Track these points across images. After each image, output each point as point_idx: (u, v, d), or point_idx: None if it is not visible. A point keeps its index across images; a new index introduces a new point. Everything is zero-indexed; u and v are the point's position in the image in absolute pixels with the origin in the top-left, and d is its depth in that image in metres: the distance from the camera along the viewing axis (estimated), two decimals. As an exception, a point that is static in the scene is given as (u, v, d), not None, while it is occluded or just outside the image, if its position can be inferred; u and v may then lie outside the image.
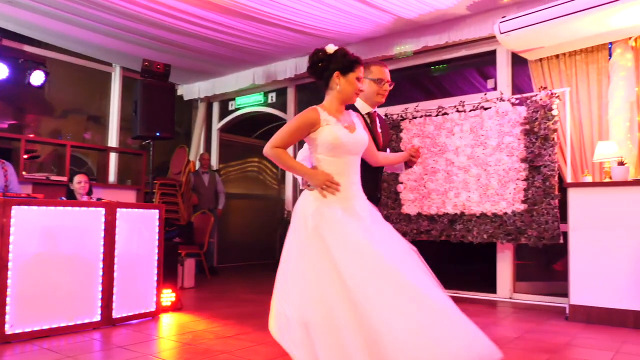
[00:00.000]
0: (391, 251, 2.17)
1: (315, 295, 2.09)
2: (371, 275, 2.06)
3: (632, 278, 3.82)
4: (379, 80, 2.84)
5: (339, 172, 2.32)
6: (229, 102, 8.22)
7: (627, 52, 4.50)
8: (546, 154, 4.56)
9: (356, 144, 2.37)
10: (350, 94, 2.39)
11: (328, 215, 2.19)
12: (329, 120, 2.32)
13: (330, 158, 2.33)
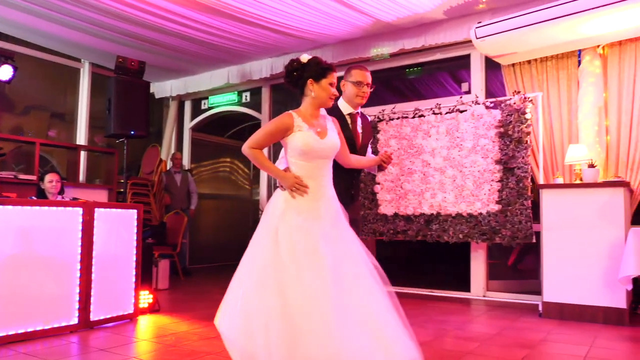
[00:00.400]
0: (337, 258, 2.32)
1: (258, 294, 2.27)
2: (309, 287, 2.23)
3: (601, 276, 3.98)
4: (358, 82, 2.97)
5: (308, 175, 2.48)
6: (202, 100, 8.11)
7: (596, 59, 4.69)
8: (520, 156, 4.71)
9: (326, 149, 2.51)
10: (324, 99, 2.55)
11: (291, 221, 2.36)
12: (302, 126, 2.48)
13: (301, 162, 2.48)
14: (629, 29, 4.29)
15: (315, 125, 2.54)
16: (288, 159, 2.56)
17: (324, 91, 2.54)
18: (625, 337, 3.49)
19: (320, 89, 2.55)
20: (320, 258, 2.31)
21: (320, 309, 2.21)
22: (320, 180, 2.52)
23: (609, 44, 4.63)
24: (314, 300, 2.22)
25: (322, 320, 2.20)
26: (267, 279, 2.28)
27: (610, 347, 3.25)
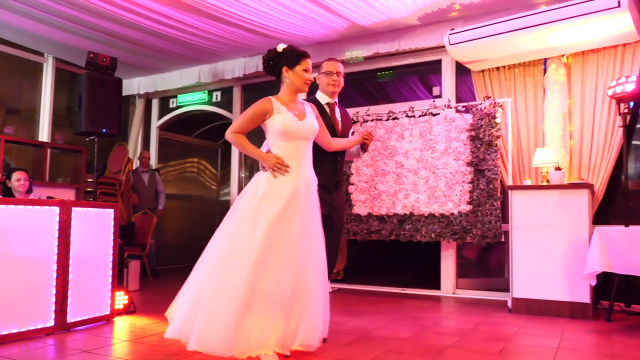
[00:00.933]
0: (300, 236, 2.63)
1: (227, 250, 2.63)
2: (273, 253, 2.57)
3: (567, 272, 4.20)
4: (328, 72, 3.25)
5: (289, 155, 2.70)
6: (170, 99, 7.99)
7: (561, 67, 4.93)
8: (490, 158, 4.90)
9: (304, 130, 2.74)
10: (299, 84, 2.79)
11: (272, 201, 2.60)
12: (280, 109, 2.71)
13: (281, 142, 2.71)
14: (591, 40, 4.55)
15: (293, 109, 2.77)
16: (269, 142, 2.77)
17: (298, 77, 2.78)
18: (591, 330, 3.70)
19: (294, 75, 2.78)
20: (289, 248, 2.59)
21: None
22: (300, 160, 2.72)
23: (573, 53, 4.88)
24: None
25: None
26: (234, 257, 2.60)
27: (579, 339, 3.44)
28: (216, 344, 2.48)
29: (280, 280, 2.56)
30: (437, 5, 4.98)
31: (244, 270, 2.53)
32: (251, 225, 2.60)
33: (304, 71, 2.79)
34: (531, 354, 3.02)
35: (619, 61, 4.60)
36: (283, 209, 2.61)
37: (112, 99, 5.21)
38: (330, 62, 3.31)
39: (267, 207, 2.61)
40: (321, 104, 3.27)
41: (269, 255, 2.56)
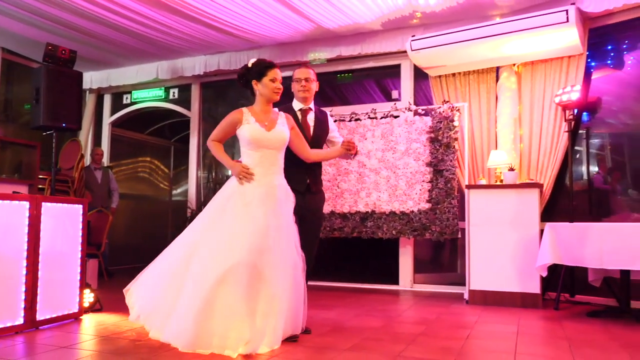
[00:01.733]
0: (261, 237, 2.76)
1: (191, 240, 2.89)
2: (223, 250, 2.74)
3: (518, 265, 4.53)
4: (297, 79, 3.40)
5: (255, 163, 2.91)
6: (124, 95, 7.79)
7: (512, 76, 5.30)
8: (448, 159, 5.18)
9: (272, 140, 2.92)
10: (268, 94, 2.98)
11: (234, 203, 2.81)
12: (249, 119, 2.93)
13: (249, 151, 2.93)
14: (541, 51, 4.93)
15: (264, 120, 2.94)
16: (240, 150, 2.98)
17: (266, 88, 2.96)
18: (543, 317, 4.02)
19: (263, 86, 2.97)
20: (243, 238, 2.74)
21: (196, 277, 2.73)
22: (267, 168, 2.90)
23: (523, 63, 5.26)
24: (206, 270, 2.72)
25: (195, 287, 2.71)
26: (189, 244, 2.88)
27: (534, 325, 3.74)
28: (181, 338, 2.64)
29: (239, 280, 2.66)
30: (400, 12, 5.21)
31: (203, 268, 2.71)
32: (214, 224, 2.83)
33: (271, 81, 2.95)
34: (495, 337, 3.27)
35: (564, 71, 5.01)
36: (244, 212, 2.80)
37: (71, 93, 5.05)
38: (300, 69, 3.45)
39: (229, 207, 2.84)
40: (295, 111, 3.40)
41: (227, 254, 2.71)
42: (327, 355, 2.73)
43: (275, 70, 2.99)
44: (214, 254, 2.74)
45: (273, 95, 2.97)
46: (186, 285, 2.75)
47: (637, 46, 4.78)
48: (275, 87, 2.96)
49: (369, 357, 2.70)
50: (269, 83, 2.95)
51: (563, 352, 2.91)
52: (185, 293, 2.72)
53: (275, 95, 2.98)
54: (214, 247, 2.76)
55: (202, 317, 2.61)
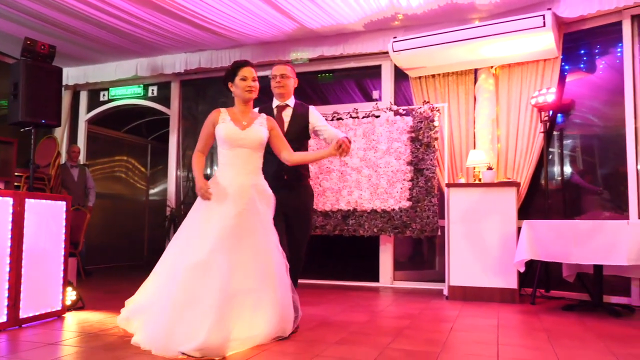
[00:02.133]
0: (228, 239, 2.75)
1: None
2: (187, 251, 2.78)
3: (496, 262, 4.67)
4: (272, 76, 3.44)
5: (229, 162, 2.92)
6: (101, 92, 7.68)
7: (490, 78, 5.45)
8: (428, 158, 5.30)
9: (246, 139, 2.91)
10: (241, 94, 2.97)
11: (210, 203, 2.83)
12: (225, 119, 2.94)
13: (224, 150, 2.93)
14: (518, 55, 5.09)
15: (241, 120, 2.95)
16: (217, 149, 2.98)
17: (238, 87, 2.96)
18: (520, 311, 4.16)
19: (235, 87, 2.98)
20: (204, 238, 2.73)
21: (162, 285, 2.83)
22: (240, 167, 2.90)
23: (501, 65, 5.41)
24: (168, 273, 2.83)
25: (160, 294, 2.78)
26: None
27: (513, 318, 3.87)
28: (154, 343, 2.61)
29: (204, 284, 2.62)
30: (383, 14, 5.30)
31: (174, 271, 2.74)
32: (186, 231, 2.90)
33: (241, 80, 2.94)
34: (477, 330, 3.37)
35: (540, 74, 5.18)
36: (214, 212, 2.80)
37: (51, 88, 4.98)
38: (276, 66, 3.47)
39: (202, 208, 2.87)
40: (272, 109, 3.42)
41: (190, 255, 2.72)
42: (317, 348, 2.79)
43: (246, 69, 2.95)
44: (179, 255, 2.79)
45: (245, 94, 2.95)
46: (158, 295, 2.81)
47: (609, 51, 4.98)
48: (246, 85, 2.93)
49: (358, 350, 2.76)
50: (240, 82, 2.94)
51: (542, 342, 3.03)
52: (156, 301, 2.78)
53: (247, 93, 2.95)
54: (181, 248, 2.82)
55: (170, 322, 2.58)
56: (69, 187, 6.68)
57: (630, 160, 4.62)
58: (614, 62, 4.91)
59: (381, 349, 2.76)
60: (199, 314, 2.54)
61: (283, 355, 2.63)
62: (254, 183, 2.93)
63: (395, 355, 2.65)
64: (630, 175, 4.60)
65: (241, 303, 2.69)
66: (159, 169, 9.63)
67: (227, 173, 2.92)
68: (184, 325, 2.54)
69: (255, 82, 2.98)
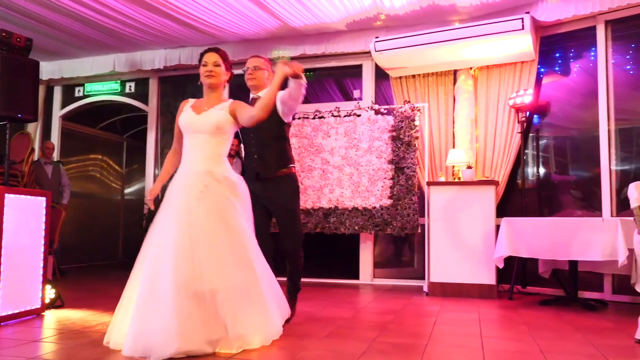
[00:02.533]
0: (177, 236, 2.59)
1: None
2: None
3: (475, 259, 4.77)
4: (245, 68, 3.39)
5: (186, 150, 2.86)
6: (76, 87, 7.52)
7: (469, 79, 5.56)
8: (409, 157, 5.38)
9: (199, 124, 2.79)
10: (202, 79, 2.89)
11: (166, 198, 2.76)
12: (187, 108, 2.87)
13: (184, 138, 2.87)
14: (497, 57, 5.21)
15: (204, 106, 2.84)
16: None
17: (200, 74, 2.88)
18: (500, 306, 4.27)
19: (200, 74, 2.89)
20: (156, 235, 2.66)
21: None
22: (194, 155, 2.79)
23: (479, 67, 5.53)
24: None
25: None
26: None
27: (493, 312, 3.97)
28: (126, 346, 2.44)
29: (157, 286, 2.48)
30: (365, 14, 5.36)
31: (139, 272, 2.67)
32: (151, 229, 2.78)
33: (202, 66, 2.85)
34: (460, 324, 3.45)
35: (517, 76, 5.31)
36: (163, 205, 2.72)
37: (27, 82, 4.86)
38: (250, 59, 3.39)
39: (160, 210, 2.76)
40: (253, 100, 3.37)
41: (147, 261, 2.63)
42: (307, 341, 2.81)
43: (207, 55, 2.86)
44: (142, 253, 2.72)
45: (204, 79, 2.84)
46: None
47: (583, 55, 5.14)
48: (205, 70, 2.83)
49: (347, 343, 2.80)
50: (201, 68, 2.85)
51: (523, 334, 3.12)
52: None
53: (206, 79, 2.83)
54: (145, 246, 2.74)
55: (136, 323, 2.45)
56: (42, 184, 6.52)
57: (604, 161, 4.77)
58: (588, 65, 5.08)
59: (369, 342, 2.80)
60: (160, 315, 2.39)
61: (275, 348, 2.64)
62: (210, 170, 2.70)
63: (383, 348, 2.69)
64: (604, 175, 4.76)
65: (211, 299, 2.48)
66: (135, 168, 9.49)
67: (185, 161, 2.83)
68: (153, 325, 2.38)
69: (217, 67, 2.82)
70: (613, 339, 3.03)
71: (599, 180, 4.80)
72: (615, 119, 4.79)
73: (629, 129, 4.84)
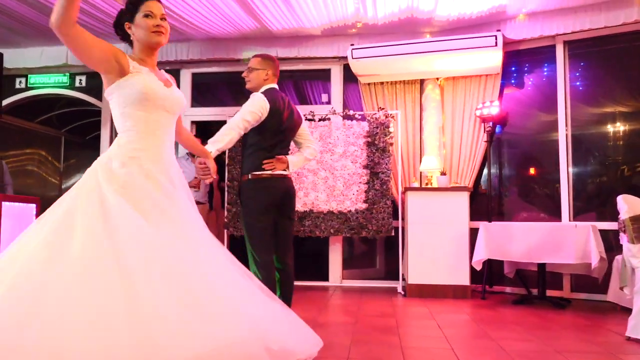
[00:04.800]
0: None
1: None
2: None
3: (449, 261, 5.05)
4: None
5: (149, 130, 2.04)
6: (17, 78, 6.92)
7: (436, 88, 5.85)
8: (383, 162, 5.56)
9: (171, 99, 2.11)
10: (144, 36, 2.07)
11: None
12: (140, 69, 2.04)
13: (139, 112, 2.02)
14: (465, 69, 5.53)
15: (161, 77, 2.15)
16: (120, 112, 2.03)
17: (141, 28, 2.06)
18: (480, 306, 4.56)
19: (136, 27, 2.07)
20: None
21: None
22: (163, 138, 2.07)
23: (446, 78, 5.83)
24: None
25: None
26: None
27: (479, 313, 4.22)
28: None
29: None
30: (345, 21, 5.45)
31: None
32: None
33: (145, 17, 2.06)
34: (460, 326, 3.67)
35: (482, 87, 5.67)
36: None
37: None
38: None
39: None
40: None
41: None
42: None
43: (151, 2, 2.08)
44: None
45: (151, 36, 2.06)
46: None
47: (541, 70, 5.60)
48: (151, 24, 2.06)
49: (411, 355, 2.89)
50: (143, 20, 2.06)
51: (523, 334, 3.39)
52: None
53: (154, 35, 2.06)
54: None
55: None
56: (-17, 183, 5.97)
57: (562, 164, 5.23)
58: (545, 80, 5.54)
59: (396, 346, 2.92)
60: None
61: None
62: (174, 159, 2.15)
63: (413, 354, 2.82)
64: (563, 184, 5.22)
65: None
66: (72, 163, 8.97)
67: (164, 147, 2.07)
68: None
69: (165, 21, 2.11)
70: (599, 335, 3.39)
71: (558, 184, 5.25)
72: (572, 126, 5.27)
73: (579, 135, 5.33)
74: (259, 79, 3.07)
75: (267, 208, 2.91)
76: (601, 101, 5.23)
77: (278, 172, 2.95)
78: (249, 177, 2.95)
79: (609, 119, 5.20)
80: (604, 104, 5.23)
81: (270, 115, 2.91)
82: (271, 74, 3.08)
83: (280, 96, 3.04)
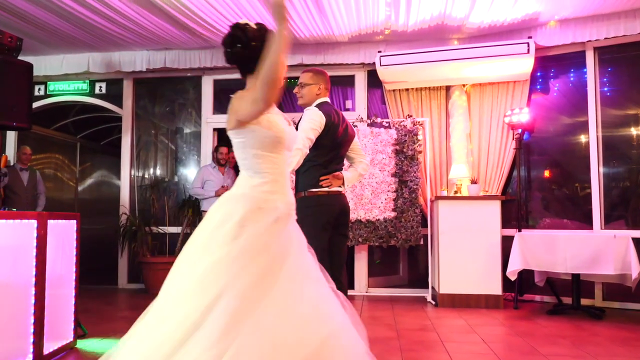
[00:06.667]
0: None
1: None
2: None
3: (483, 270, 5.02)
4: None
5: (280, 172, 1.99)
6: (37, 86, 6.88)
7: (463, 95, 5.82)
8: (412, 171, 5.53)
9: (293, 138, 2.11)
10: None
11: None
12: (276, 112, 2.01)
13: (272, 155, 1.96)
14: (494, 75, 5.50)
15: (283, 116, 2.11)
16: (253, 153, 1.95)
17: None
18: (515, 317, 4.53)
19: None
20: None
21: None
22: (286, 181, 2.03)
23: (472, 84, 5.80)
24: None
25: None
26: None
27: (519, 325, 4.20)
28: None
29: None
30: (373, 28, 5.42)
31: None
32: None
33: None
34: (504, 339, 3.64)
35: (510, 94, 5.64)
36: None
37: (21, 87, 4.41)
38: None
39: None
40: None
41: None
42: None
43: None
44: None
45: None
46: None
47: (571, 76, 5.56)
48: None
49: None
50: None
51: (575, 349, 3.36)
52: None
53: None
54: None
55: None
56: (17, 192, 5.97)
57: (594, 180, 5.20)
58: (572, 85, 5.51)
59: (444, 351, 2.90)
60: None
61: None
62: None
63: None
64: (594, 189, 5.20)
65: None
66: (87, 166, 9.03)
67: (286, 186, 2.01)
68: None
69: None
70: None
71: (588, 190, 5.22)
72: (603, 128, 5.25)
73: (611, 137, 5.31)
74: (312, 94, 2.99)
75: (324, 226, 2.87)
76: (630, 105, 5.22)
77: (334, 189, 2.91)
78: (305, 194, 2.89)
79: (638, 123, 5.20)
80: (633, 108, 5.21)
81: (325, 130, 2.86)
82: (323, 88, 3.01)
83: (334, 110, 2.99)
